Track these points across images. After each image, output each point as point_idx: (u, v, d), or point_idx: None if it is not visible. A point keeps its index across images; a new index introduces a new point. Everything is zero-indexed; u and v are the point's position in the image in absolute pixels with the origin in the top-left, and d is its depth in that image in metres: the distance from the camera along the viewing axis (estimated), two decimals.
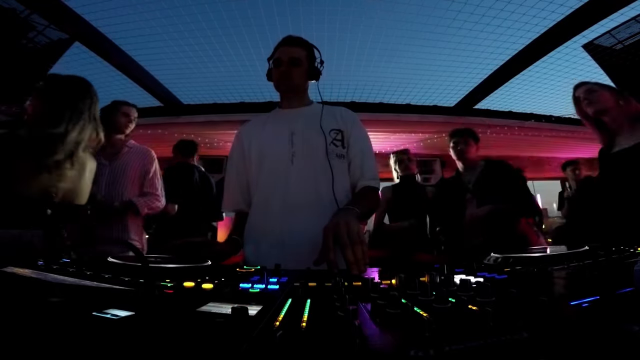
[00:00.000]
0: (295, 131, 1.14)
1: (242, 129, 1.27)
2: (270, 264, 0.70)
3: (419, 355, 0.22)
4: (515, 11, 2.71)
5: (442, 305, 0.35)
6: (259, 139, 1.19)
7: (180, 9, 2.69)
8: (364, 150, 1.17)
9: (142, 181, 2.02)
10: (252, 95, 4.05)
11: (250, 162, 1.18)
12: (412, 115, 4.29)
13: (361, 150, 1.16)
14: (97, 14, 2.69)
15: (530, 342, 0.24)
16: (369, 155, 1.17)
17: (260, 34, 2.90)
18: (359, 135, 1.19)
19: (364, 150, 1.17)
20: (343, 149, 1.14)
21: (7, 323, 0.30)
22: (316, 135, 1.13)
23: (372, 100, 4.20)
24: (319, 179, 1.09)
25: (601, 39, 3.05)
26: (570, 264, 0.61)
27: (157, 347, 0.26)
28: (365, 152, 1.16)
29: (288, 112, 1.22)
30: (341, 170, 1.13)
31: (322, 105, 1.20)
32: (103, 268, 0.59)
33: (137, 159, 2.02)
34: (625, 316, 0.30)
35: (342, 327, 0.28)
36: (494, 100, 4.18)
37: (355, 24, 2.85)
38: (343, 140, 1.15)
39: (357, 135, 1.18)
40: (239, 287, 0.50)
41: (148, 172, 2.03)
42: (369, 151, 1.18)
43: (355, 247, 0.71)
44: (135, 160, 2.01)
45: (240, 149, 1.23)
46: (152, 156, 2.08)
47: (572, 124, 4.61)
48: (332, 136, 1.14)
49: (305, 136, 1.14)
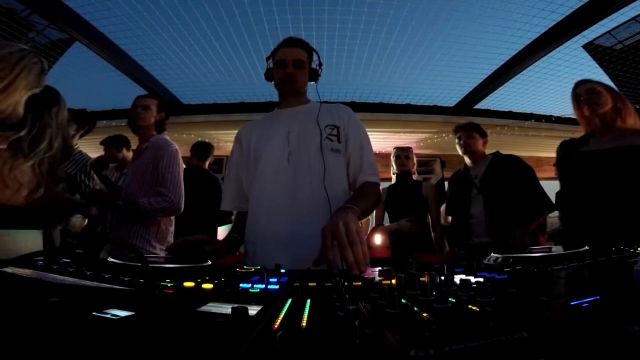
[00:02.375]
0: (291, 130, 1.15)
1: (241, 129, 1.28)
2: (269, 264, 0.69)
3: (419, 355, 0.22)
4: (515, 11, 2.71)
5: (442, 305, 0.35)
6: (257, 139, 1.19)
7: (180, 9, 2.69)
8: (362, 145, 1.17)
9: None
10: (252, 95, 4.05)
11: (248, 162, 1.19)
12: (412, 115, 4.29)
13: (359, 146, 1.16)
14: (97, 14, 2.69)
15: (530, 342, 0.24)
16: (367, 151, 1.17)
17: (260, 33, 2.90)
18: (357, 130, 1.19)
19: (363, 145, 1.17)
20: (339, 144, 1.14)
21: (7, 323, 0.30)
22: (311, 131, 1.13)
23: (372, 100, 4.20)
24: (313, 176, 1.09)
25: (601, 39, 3.05)
26: (570, 264, 0.61)
27: (157, 347, 0.26)
28: (363, 147, 1.16)
29: (286, 112, 1.22)
30: (337, 165, 1.12)
31: (320, 104, 1.20)
32: (103, 268, 0.59)
33: (152, 155, 1.84)
34: (625, 316, 0.30)
35: (342, 327, 0.28)
36: (494, 100, 4.18)
37: (355, 24, 2.85)
38: (339, 135, 1.15)
39: (355, 131, 1.18)
40: (239, 287, 0.50)
41: (157, 168, 1.80)
42: (367, 146, 1.18)
43: (355, 247, 0.70)
44: (150, 156, 1.83)
45: (239, 149, 1.24)
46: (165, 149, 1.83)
47: (572, 124, 4.61)
48: (327, 131, 1.14)
49: (301, 134, 1.14)
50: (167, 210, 1.78)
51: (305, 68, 1.19)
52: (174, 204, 1.77)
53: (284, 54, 1.17)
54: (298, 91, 1.22)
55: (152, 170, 1.81)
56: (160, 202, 1.75)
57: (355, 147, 1.15)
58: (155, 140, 1.90)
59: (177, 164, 1.84)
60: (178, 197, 1.79)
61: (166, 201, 1.75)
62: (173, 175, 1.80)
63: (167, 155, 1.81)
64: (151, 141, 1.89)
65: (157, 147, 1.85)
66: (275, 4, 2.63)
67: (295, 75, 1.17)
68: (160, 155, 1.81)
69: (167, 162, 1.80)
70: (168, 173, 1.78)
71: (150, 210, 1.74)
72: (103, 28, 2.86)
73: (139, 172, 1.85)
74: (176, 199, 1.78)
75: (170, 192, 1.77)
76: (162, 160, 1.80)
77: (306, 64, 1.19)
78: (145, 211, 1.73)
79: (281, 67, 1.17)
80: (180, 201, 1.81)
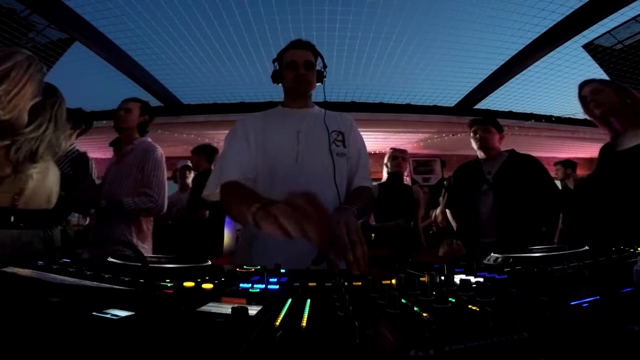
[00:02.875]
0: (301, 129, 1.17)
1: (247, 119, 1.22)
2: (270, 262, 0.70)
3: (419, 355, 0.22)
4: (515, 11, 2.71)
5: (442, 305, 0.35)
6: (264, 133, 1.16)
7: (180, 8, 2.69)
8: (360, 151, 1.23)
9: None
10: (252, 95, 4.05)
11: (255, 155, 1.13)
12: (412, 115, 4.30)
13: (358, 151, 1.22)
14: (97, 14, 2.69)
15: (530, 342, 0.24)
16: (364, 156, 1.23)
17: (261, 33, 2.90)
18: (356, 137, 1.25)
19: (360, 151, 1.23)
20: (344, 148, 1.19)
21: (7, 323, 0.30)
22: (320, 132, 1.17)
23: (372, 100, 4.20)
24: (322, 176, 1.11)
25: (601, 39, 3.05)
26: (570, 264, 0.61)
27: (157, 347, 0.26)
28: (361, 153, 1.23)
29: (294, 112, 1.24)
30: (342, 167, 1.16)
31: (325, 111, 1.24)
32: (103, 268, 0.59)
33: (137, 157, 1.91)
34: (625, 316, 0.30)
35: (342, 327, 0.28)
36: (494, 100, 4.18)
37: (355, 24, 2.85)
38: (344, 140, 1.20)
39: (355, 137, 1.24)
40: (239, 287, 0.50)
41: (143, 170, 1.88)
42: (364, 152, 1.25)
43: (355, 247, 0.71)
44: (135, 158, 1.91)
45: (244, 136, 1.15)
46: (151, 152, 1.91)
47: (572, 124, 4.61)
48: (333, 136, 1.18)
49: (310, 135, 1.16)
50: (151, 210, 1.86)
51: (314, 70, 1.22)
52: (158, 205, 1.86)
53: (294, 56, 1.18)
54: (309, 92, 1.26)
55: (137, 173, 1.88)
56: (145, 202, 1.82)
57: (354, 152, 1.21)
58: (139, 143, 1.97)
59: (161, 167, 1.93)
60: (162, 198, 1.88)
61: (151, 201, 1.83)
62: (158, 178, 1.89)
63: (153, 158, 1.90)
64: (135, 144, 1.96)
65: (142, 151, 1.92)
66: (275, 4, 2.63)
67: (307, 76, 1.19)
68: (146, 158, 1.89)
69: (153, 165, 1.89)
70: (154, 176, 1.87)
71: (135, 210, 1.81)
72: (103, 28, 2.86)
73: (122, 173, 1.91)
74: (160, 200, 1.86)
75: (156, 194, 1.85)
76: (148, 163, 1.88)
77: (315, 65, 1.23)
78: (130, 210, 1.79)
79: (292, 69, 1.18)
80: (164, 202, 1.90)
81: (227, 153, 1.13)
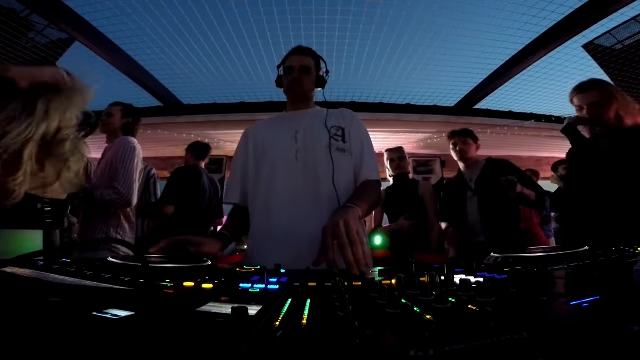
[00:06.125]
0: (299, 129, 1.19)
1: (249, 128, 1.33)
2: (270, 262, 0.69)
3: (419, 355, 0.22)
4: (515, 11, 2.71)
5: (442, 305, 0.35)
6: (265, 136, 1.23)
7: (180, 8, 2.69)
8: (362, 143, 1.21)
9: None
10: (252, 95, 4.05)
11: (256, 159, 1.21)
12: (412, 115, 4.30)
13: (361, 144, 1.20)
14: (97, 14, 2.69)
15: (530, 342, 0.24)
16: (368, 149, 1.21)
17: (261, 33, 2.90)
18: (359, 130, 1.24)
19: (363, 143, 1.21)
20: (344, 143, 1.18)
21: (7, 323, 0.30)
22: (319, 131, 1.18)
23: (372, 101, 4.21)
24: (321, 174, 1.11)
25: (601, 39, 3.05)
26: (570, 264, 0.61)
27: (157, 347, 0.26)
28: (364, 146, 1.21)
29: (294, 114, 1.28)
30: (343, 164, 1.15)
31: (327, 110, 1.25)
32: (103, 268, 0.59)
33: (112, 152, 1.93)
34: (625, 316, 0.30)
35: (342, 327, 0.28)
36: (494, 100, 4.18)
37: (355, 24, 2.85)
38: (344, 135, 1.20)
39: (357, 130, 1.23)
40: (239, 287, 0.50)
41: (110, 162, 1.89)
42: (369, 145, 1.22)
43: (355, 247, 0.70)
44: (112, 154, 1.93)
45: (245, 146, 1.27)
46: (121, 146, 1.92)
47: None
48: (333, 132, 1.18)
49: (308, 133, 1.18)
50: (115, 202, 1.83)
51: (311, 74, 1.26)
52: (124, 197, 1.84)
53: (292, 62, 1.26)
54: (303, 95, 1.28)
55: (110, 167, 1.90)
56: (110, 193, 1.82)
57: (357, 146, 1.20)
58: (119, 140, 1.99)
59: (130, 159, 1.90)
60: (128, 190, 1.85)
61: (116, 194, 1.82)
62: (126, 169, 1.87)
63: (122, 150, 1.90)
64: (115, 142, 1.99)
65: (118, 145, 1.94)
66: (275, 4, 2.63)
67: (300, 80, 1.24)
68: (117, 151, 1.90)
69: (121, 157, 1.88)
70: (121, 167, 1.86)
71: (100, 201, 1.81)
72: (103, 28, 2.86)
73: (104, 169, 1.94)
74: (126, 192, 1.84)
75: (121, 186, 1.84)
76: (117, 155, 1.88)
77: (312, 70, 1.27)
78: (97, 201, 1.80)
79: (289, 74, 1.25)
80: (131, 195, 1.87)
81: (232, 170, 1.30)
